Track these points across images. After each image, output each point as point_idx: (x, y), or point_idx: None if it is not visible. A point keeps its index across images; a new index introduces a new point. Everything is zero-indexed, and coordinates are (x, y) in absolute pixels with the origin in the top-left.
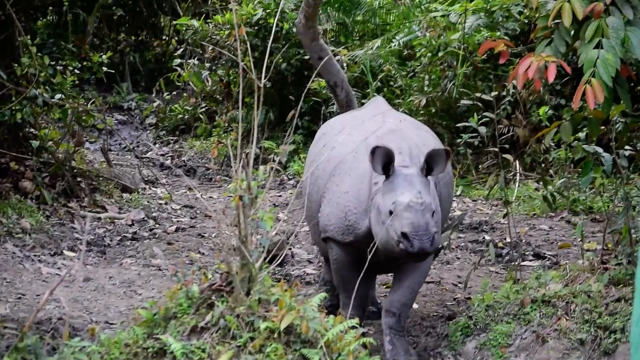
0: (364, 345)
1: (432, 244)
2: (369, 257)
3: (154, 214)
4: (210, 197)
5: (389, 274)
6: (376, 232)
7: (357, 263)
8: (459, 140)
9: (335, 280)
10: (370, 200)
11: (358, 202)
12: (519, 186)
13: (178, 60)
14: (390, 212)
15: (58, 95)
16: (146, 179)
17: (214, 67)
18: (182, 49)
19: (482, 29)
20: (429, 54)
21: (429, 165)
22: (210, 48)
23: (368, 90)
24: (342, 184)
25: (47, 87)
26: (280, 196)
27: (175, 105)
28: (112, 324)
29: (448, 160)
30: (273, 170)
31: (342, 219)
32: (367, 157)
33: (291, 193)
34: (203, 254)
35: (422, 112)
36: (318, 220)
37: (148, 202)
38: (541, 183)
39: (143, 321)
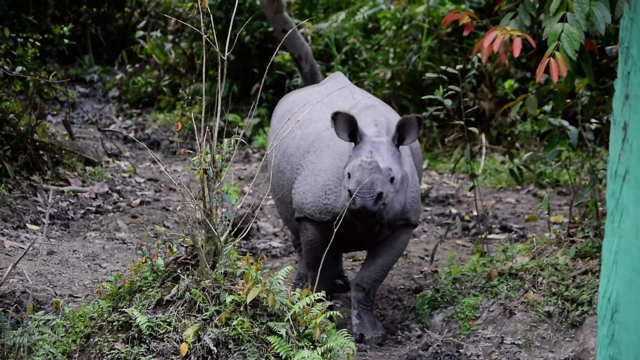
0: (331, 318)
1: (376, 203)
2: (335, 231)
3: (118, 188)
4: (174, 170)
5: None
6: (341, 198)
7: (332, 242)
8: (424, 113)
9: (306, 259)
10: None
11: (337, 180)
12: (485, 159)
13: (141, 33)
14: (349, 175)
15: (19, 68)
16: (109, 152)
17: (176, 40)
18: (144, 21)
19: (447, 1)
20: (394, 27)
21: (401, 135)
22: (173, 20)
23: (332, 63)
24: (319, 161)
25: (7, 60)
26: (245, 169)
27: (138, 78)
28: (76, 297)
29: (420, 128)
30: (237, 143)
31: (321, 197)
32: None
33: (256, 166)
34: (168, 227)
35: (387, 85)
36: (290, 200)
37: (112, 175)
38: (507, 156)
39: (108, 294)
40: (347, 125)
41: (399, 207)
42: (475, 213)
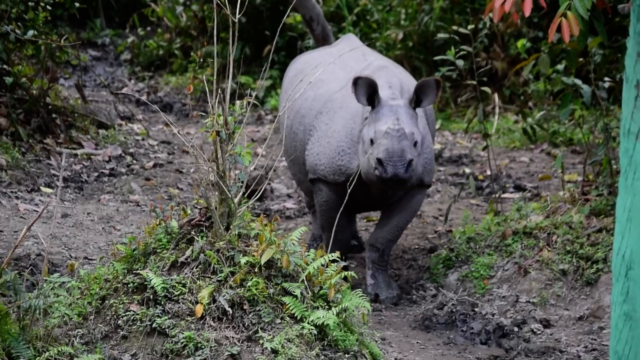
0: (345, 279)
1: (407, 170)
2: (348, 192)
3: (131, 150)
4: (187, 132)
5: None
6: (361, 163)
7: (346, 203)
8: (436, 74)
9: (320, 221)
10: (359, 134)
11: (351, 141)
12: (498, 119)
13: None
14: (372, 142)
15: (31, 32)
16: (122, 115)
17: (188, 2)
18: None
19: None
20: None
21: (418, 97)
22: None
23: (344, 24)
24: (332, 122)
25: (19, 24)
26: (258, 131)
27: (150, 41)
28: (91, 259)
29: (438, 90)
30: (250, 105)
31: (335, 159)
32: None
33: (269, 128)
34: (181, 189)
35: (399, 46)
36: (304, 161)
37: (125, 138)
38: (520, 115)
39: (122, 257)
40: (367, 89)
41: (420, 169)
42: (488, 172)
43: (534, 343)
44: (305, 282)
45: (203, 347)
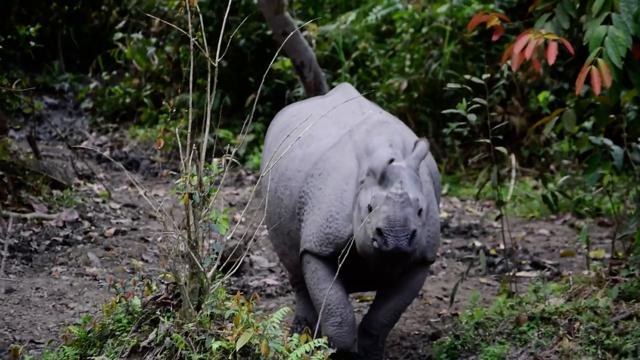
0: None
1: (411, 243)
2: (340, 265)
3: (90, 215)
4: (155, 195)
5: None
6: (356, 233)
7: (338, 276)
8: (445, 130)
9: (313, 299)
10: (355, 198)
11: (341, 205)
12: (514, 184)
13: (119, 35)
14: (370, 209)
15: None
16: (80, 173)
17: (161, 43)
18: (124, 22)
19: (472, 0)
20: (411, 30)
21: None
22: (156, 21)
23: (340, 71)
24: (325, 186)
25: None
26: (237, 194)
27: (116, 87)
28: (38, 343)
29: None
30: (229, 164)
31: (323, 226)
32: (353, 153)
33: (250, 191)
34: (146, 261)
35: (402, 97)
36: (289, 231)
37: (83, 200)
38: (540, 180)
39: (75, 340)
40: None
41: (425, 242)
42: (502, 247)
43: None
44: None
45: None
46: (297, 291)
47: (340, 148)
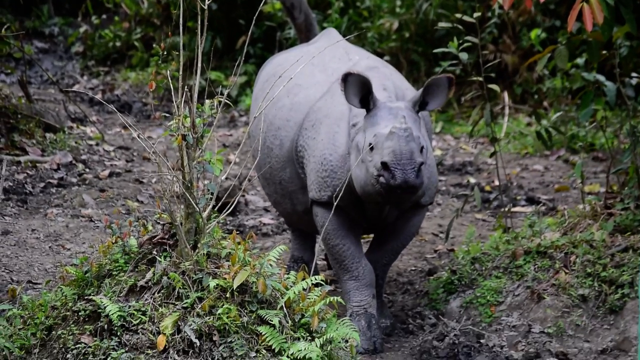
0: (331, 305)
1: (418, 175)
2: (334, 208)
3: (84, 157)
4: (149, 137)
5: None
6: (355, 174)
7: (348, 228)
8: (437, 69)
9: (327, 252)
10: (351, 143)
11: (333, 147)
12: (508, 121)
13: None
14: (372, 148)
15: None
16: (73, 116)
17: None
18: None
19: None
20: None
21: (424, 99)
22: None
23: (330, 11)
24: (318, 135)
25: None
26: (230, 135)
27: (106, 31)
28: (36, 283)
29: (450, 90)
30: (221, 105)
31: (319, 171)
32: (343, 98)
33: (243, 132)
34: (141, 202)
35: (393, 37)
36: (280, 180)
37: (76, 143)
38: (534, 117)
39: (72, 280)
40: (360, 89)
41: (427, 181)
42: (497, 183)
43: None
44: (285, 309)
45: None
46: (293, 231)
47: (330, 96)
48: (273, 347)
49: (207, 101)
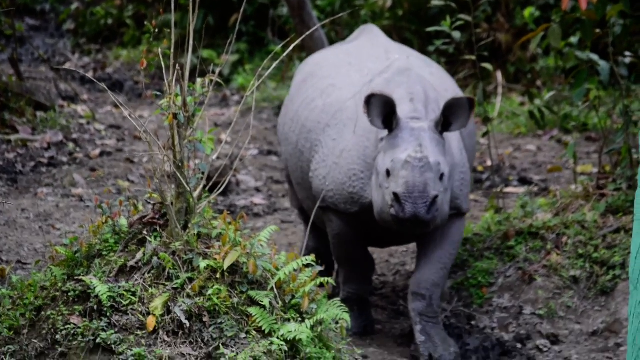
0: (322, 286)
1: (430, 210)
2: (365, 224)
3: (74, 136)
4: (140, 115)
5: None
6: (373, 198)
7: (364, 236)
8: (430, 48)
9: (335, 254)
10: (374, 161)
11: (365, 163)
12: (501, 100)
13: None
14: (388, 173)
15: None
16: (64, 95)
17: None
18: None
19: None
20: None
21: (446, 118)
22: None
23: None
24: (340, 138)
25: None
26: (222, 114)
27: (98, 8)
28: (25, 263)
29: (472, 112)
30: (213, 84)
31: (345, 185)
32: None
33: (235, 110)
34: (132, 182)
35: (387, 15)
36: (311, 182)
37: (67, 121)
38: (527, 96)
39: (62, 260)
40: (383, 109)
41: (447, 207)
42: (489, 163)
43: None
44: (275, 290)
45: None
46: (307, 223)
47: (360, 99)
48: (263, 329)
49: (199, 80)
